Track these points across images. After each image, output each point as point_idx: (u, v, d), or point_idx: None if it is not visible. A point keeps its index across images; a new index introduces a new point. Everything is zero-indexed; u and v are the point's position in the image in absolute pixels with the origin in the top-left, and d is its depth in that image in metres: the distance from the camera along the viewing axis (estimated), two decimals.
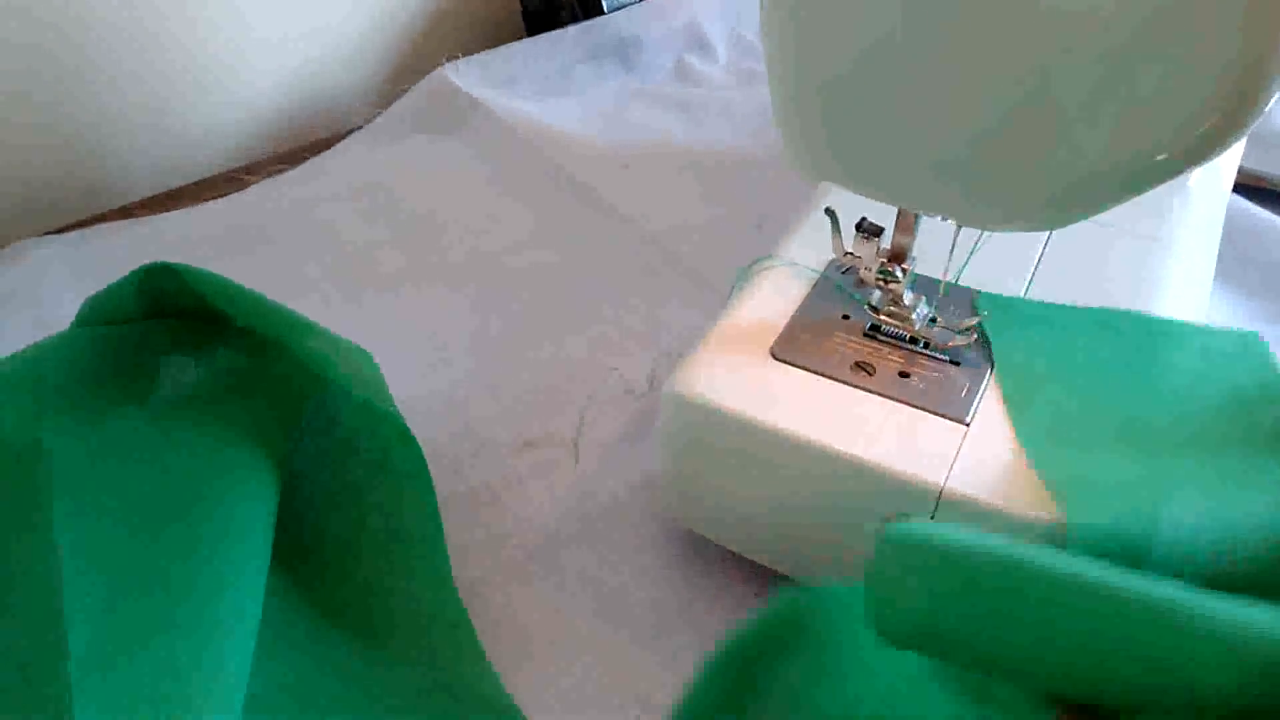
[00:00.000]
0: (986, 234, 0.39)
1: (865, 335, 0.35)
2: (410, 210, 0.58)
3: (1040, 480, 0.30)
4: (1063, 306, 0.36)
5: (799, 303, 0.36)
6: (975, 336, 0.34)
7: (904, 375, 0.33)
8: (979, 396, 0.32)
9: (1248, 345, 0.34)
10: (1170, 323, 0.35)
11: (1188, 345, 0.34)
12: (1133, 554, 0.28)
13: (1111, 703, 0.22)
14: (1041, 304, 0.36)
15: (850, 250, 0.34)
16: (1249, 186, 0.59)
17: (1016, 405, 0.32)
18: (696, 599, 0.37)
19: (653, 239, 0.56)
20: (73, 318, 0.38)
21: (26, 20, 0.52)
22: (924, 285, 0.35)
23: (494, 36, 0.76)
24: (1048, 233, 0.39)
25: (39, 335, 0.37)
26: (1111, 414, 0.32)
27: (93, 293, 0.38)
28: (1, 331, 0.47)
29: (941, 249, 0.34)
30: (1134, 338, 0.34)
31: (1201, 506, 0.28)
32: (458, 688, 0.33)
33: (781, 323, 0.35)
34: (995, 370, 0.33)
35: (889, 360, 0.34)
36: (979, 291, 0.36)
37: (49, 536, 0.30)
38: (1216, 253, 0.45)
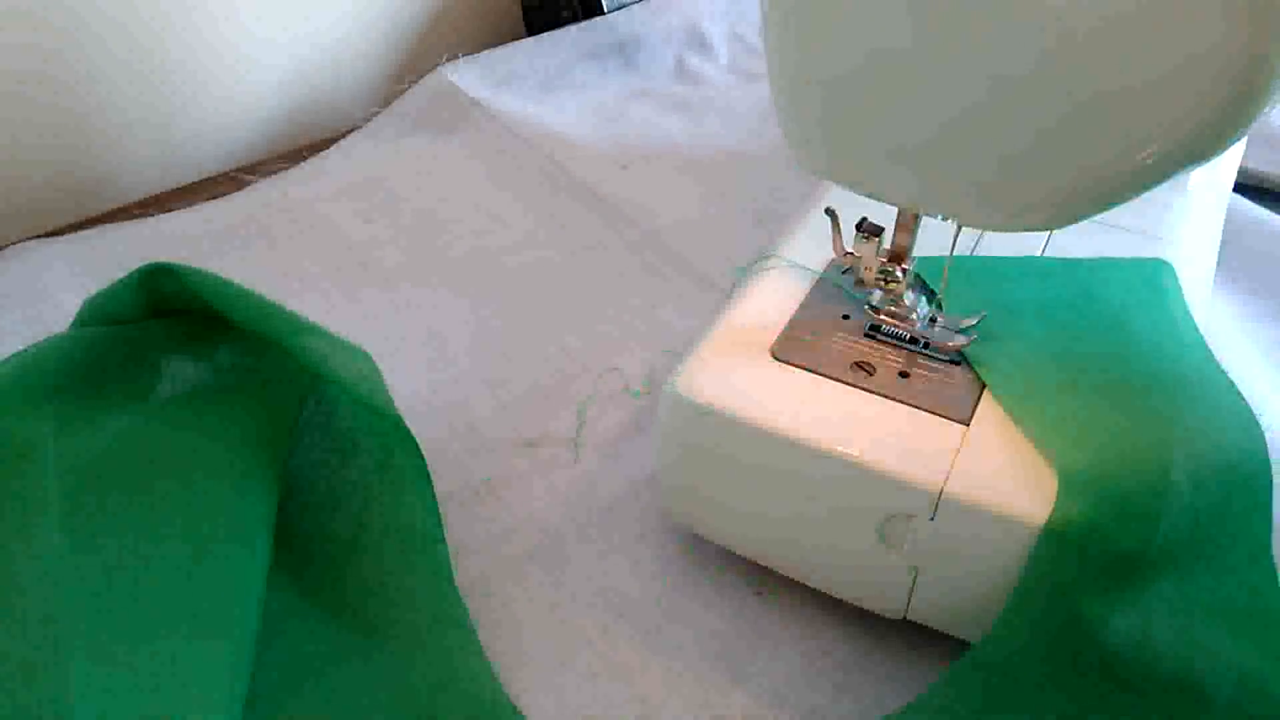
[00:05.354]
0: (986, 234, 0.39)
1: (865, 335, 0.35)
2: (410, 209, 0.58)
3: (1038, 449, 0.30)
4: (997, 259, 0.38)
5: (799, 303, 0.36)
6: (976, 336, 0.34)
7: (904, 375, 0.33)
8: (979, 396, 0.32)
9: (1155, 271, 0.37)
10: (1094, 261, 0.38)
11: (1111, 279, 0.37)
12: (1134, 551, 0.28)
13: None
14: (978, 258, 0.38)
15: (850, 250, 0.34)
16: (1249, 186, 0.59)
17: (984, 365, 0.33)
18: (695, 598, 0.37)
19: (653, 238, 0.56)
20: (73, 318, 0.38)
21: (26, 20, 0.52)
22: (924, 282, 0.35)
23: (494, 36, 0.76)
24: (1048, 232, 0.39)
25: (39, 335, 0.37)
26: (1069, 360, 0.33)
27: (93, 293, 0.38)
28: (1, 331, 0.47)
29: (942, 249, 0.34)
30: (1064, 278, 0.37)
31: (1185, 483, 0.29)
32: (457, 686, 0.33)
33: (781, 323, 0.35)
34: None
35: (889, 360, 0.34)
36: (916, 258, 0.35)
37: (49, 536, 0.30)
38: (1216, 252, 0.45)
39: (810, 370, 0.33)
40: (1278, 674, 0.27)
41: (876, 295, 0.35)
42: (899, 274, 0.33)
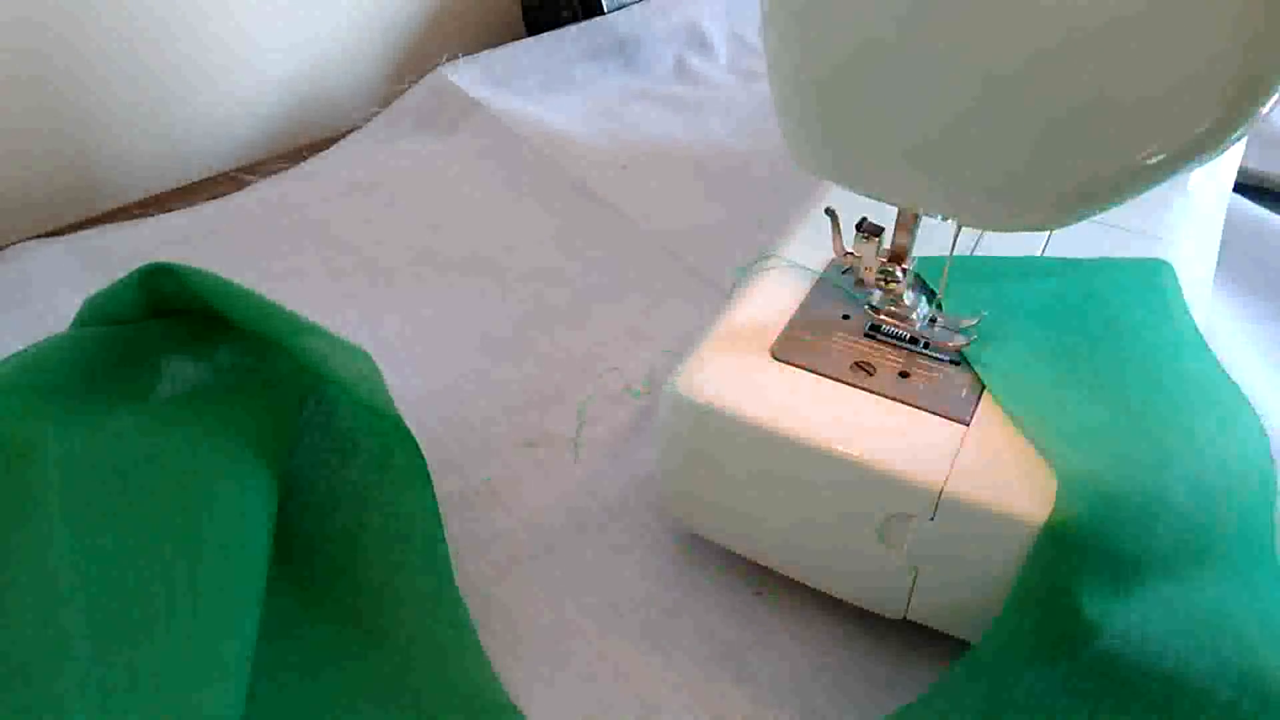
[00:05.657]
0: (986, 234, 0.39)
1: (865, 335, 0.35)
2: (409, 209, 0.58)
3: (1039, 455, 0.30)
4: (997, 259, 0.38)
5: (799, 303, 0.36)
6: (976, 336, 0.34)
7: (904, 375, 0.33)
8: (979, 396, 0.32)
9: (1156, 272, 0.37)
10: (1094, 261, 0.38)
11: (1111, 279, 0.37)
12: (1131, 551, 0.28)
13: None
14: (978, 258, 0.38)
15: (850, 250, 0.34)
16: (1249, 186, 0.59)
17: (983, 365, 0.33)
18: (696, 597, 0.37)
19: (652, 238, 0.56)
20: (73, 318, 0.38)
21: (26, 21, 0.52)
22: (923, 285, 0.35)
23: (494, 36, 0.76)
24: (1048, 232, 0.39)
25: (39, 335, 0.37)
26: (1069, 360, 0.33)
27: (93, 293, 0.38)
28: (1, 331, 0.47)
29: (942, 249, 0.34)
30: (1064, 278, 0.37)
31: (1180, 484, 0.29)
32: (457, 686, 0.33)
33: (781, 323, 0.35)
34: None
35: (889, 360, 0.34)
36: (916, 258, 0.35)
37: (49, 536, 0.30)
38: (1216, 252, 0.45)
39: (810, 370, 0.33)
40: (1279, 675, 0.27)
41: (876, 295, 0.35)
42: (899, 274, 0.33)
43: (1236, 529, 0.30)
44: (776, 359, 0.34)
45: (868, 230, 0.33)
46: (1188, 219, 0.42)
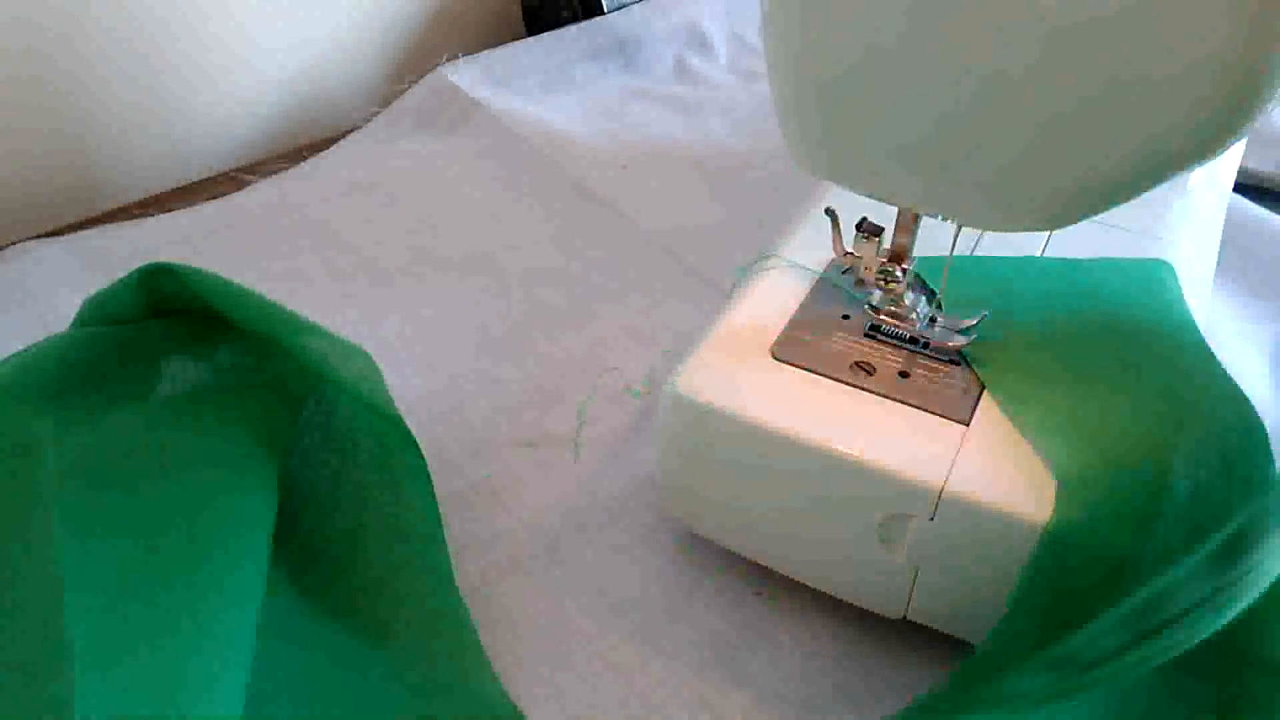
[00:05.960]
0: (986, 234, 0.39)
1: (865, 335, 0.35)
2: (409, 209, 0.58)
3: (1036, 453, 0.30)
4: (997, 259, 0.38)
5: (799, 303, 0.36)
6: (976, 336, 0.34)
7: (904, 375, 0.33)
8: (979, 396, 0.32)
9: (1156, 272, 0.37)
10: (1094, 261, 0.38)
11: (1111, 279, 0.37)
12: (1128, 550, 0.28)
13: None
14: (978, 258, 0.38)
15: (850, 250, 0.34)
16: (1249, 186, 0.59)
17: (984, 365, 0.33)
18: (696, 597, 0.37)
19: (652, 238, 0.56)
20: (73, 318, 0.38)
21: (26, 21, 0.52)
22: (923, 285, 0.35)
23: (494, 36, 0.76)
24: (1048, 232, 0.39)
25: (39, 335, 0.37)
26: (1069, 360, 0.33)
27: (93, 293, 0.38)
28: (1, 331, 0.47)
29: (942, 249, 0.34)
30: (1064, 278, 0.37)
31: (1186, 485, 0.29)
32: (458, 687, 0.33)
33: (781, 323, 0.35)
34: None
35: (889, 360, 0.34)
36: (916, 258, 0.35)
37: (49, 536, 0.30)
38: (1216, 252, 0.45)
39: (810, 370, 0.33)
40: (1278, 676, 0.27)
41: (876, 295, 0.35)
42: (899, 274, 0.33)
43: (1237, 529, 0.29)
44: (776, 359, 0.34)
45: (868, 230, 0.33)
46: (1188, 219, 0.42)
